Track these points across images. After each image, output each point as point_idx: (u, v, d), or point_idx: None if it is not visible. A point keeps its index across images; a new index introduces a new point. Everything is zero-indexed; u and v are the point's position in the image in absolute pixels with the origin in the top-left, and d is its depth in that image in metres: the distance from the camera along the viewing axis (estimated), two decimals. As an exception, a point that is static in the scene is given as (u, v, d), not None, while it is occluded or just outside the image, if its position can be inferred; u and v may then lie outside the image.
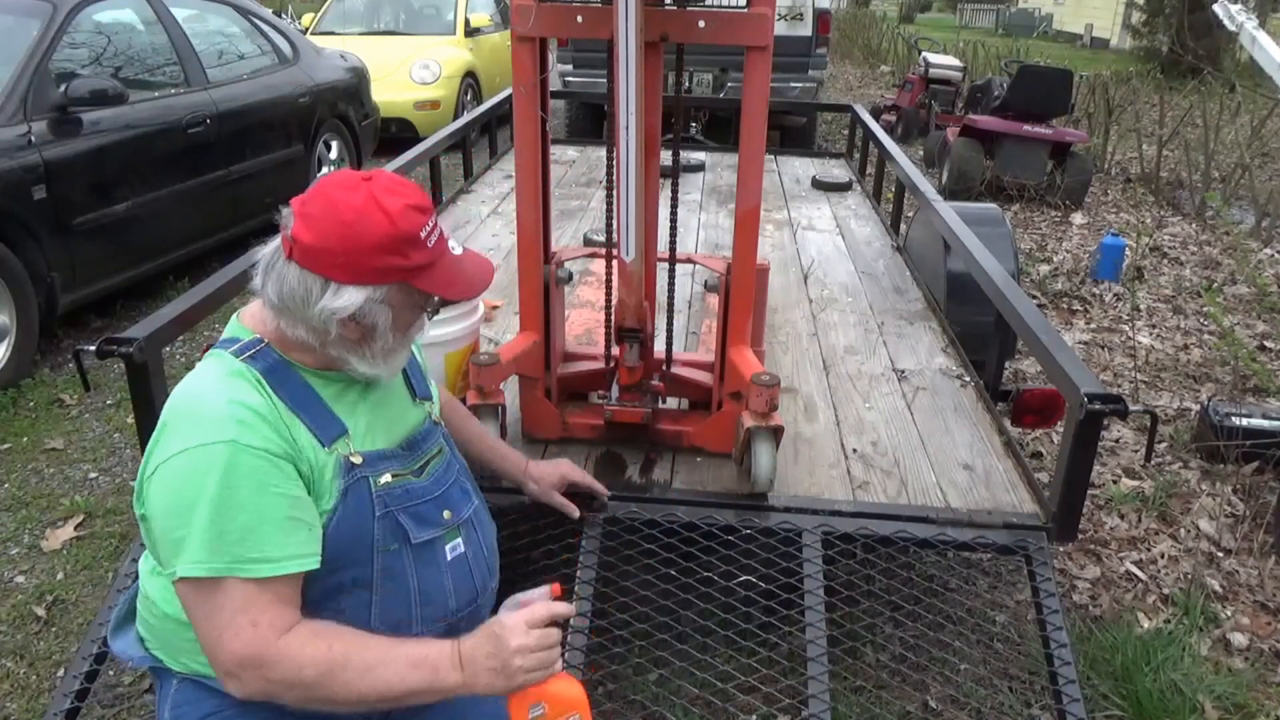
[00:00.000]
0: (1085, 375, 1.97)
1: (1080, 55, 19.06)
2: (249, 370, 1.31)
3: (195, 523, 1.20)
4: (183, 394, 1.31)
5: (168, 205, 4.50)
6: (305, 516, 1.27)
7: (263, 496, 1.23)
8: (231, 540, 1.21)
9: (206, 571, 1.20)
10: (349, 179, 1.32)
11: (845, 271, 3.64)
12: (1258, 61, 4.77)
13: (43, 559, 2.77)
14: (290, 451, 1.27)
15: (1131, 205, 7.56)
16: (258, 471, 1.23)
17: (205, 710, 1.37)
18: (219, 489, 1.20)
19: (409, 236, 1.29)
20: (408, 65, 8.39)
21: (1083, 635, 2.47)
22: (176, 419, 1.27)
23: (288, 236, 1.30)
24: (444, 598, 1.42)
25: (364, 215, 1.27)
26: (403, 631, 1.37)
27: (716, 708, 2.13)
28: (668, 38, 1.91)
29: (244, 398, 1.27)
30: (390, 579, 1.36)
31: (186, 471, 1.22)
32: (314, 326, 1.31)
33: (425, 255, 1.31)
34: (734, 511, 2.05)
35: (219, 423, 1.23)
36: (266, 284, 1.32)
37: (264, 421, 1.25)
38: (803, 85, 7.50)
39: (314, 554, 1.27)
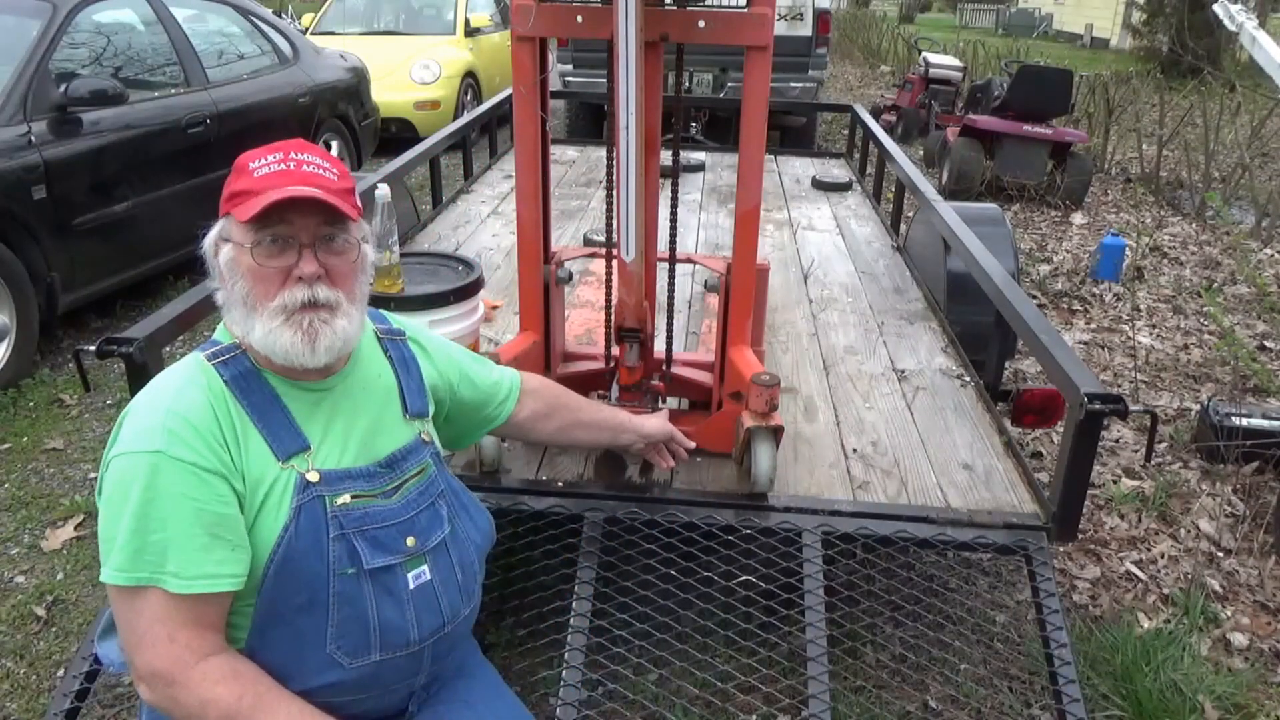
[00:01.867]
0: (1085, 375, 1.97)
1: (1080, 55, 19.06)
2: (214, 374, 1.30)
3: (120, 529, 1.20)
4: (141, 394, 1.31)
5: (168, 205, 4.49)
6: (229, 535, 1.23)
7: (183, 511, 1.20)
8: (150, 552, 1.20)
9: (126, 580, 1.20)
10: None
11: (845, 271, 3.64)
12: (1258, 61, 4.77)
13: (43, 559, 2.77)
14: (223, 467, 1.24)
15: (1131, 205, 7.56)
16: (181, 485, 1.21)
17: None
18: (141, 499, 1.20)
19: (239, 165, 1.30)
20: (408, 65, 8.39)
21: (1083, 635, 2.47)
22: (126, 418, 1.28)
23: None
24: (405, 627, 1.36)
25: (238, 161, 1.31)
26: (363, 657, 1.33)
27: (716, 708, 2.13)
28: (668, 38, 1.91)
29: (183, 407, 1.25)
30: (347, 604, 1.31)
31: (118, 475, 1.23)
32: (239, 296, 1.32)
33: (246, 183, 1.29)
34: (734, 511, 2.05)
35: (151, 431, 1.23)
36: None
37: (197, 434, 1.23)
38: (803, 85, 7.50)
39: (232, 575, 1.23)
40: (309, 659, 1.31)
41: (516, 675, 2.13)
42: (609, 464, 2.22)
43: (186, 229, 5.30)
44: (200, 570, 1.21)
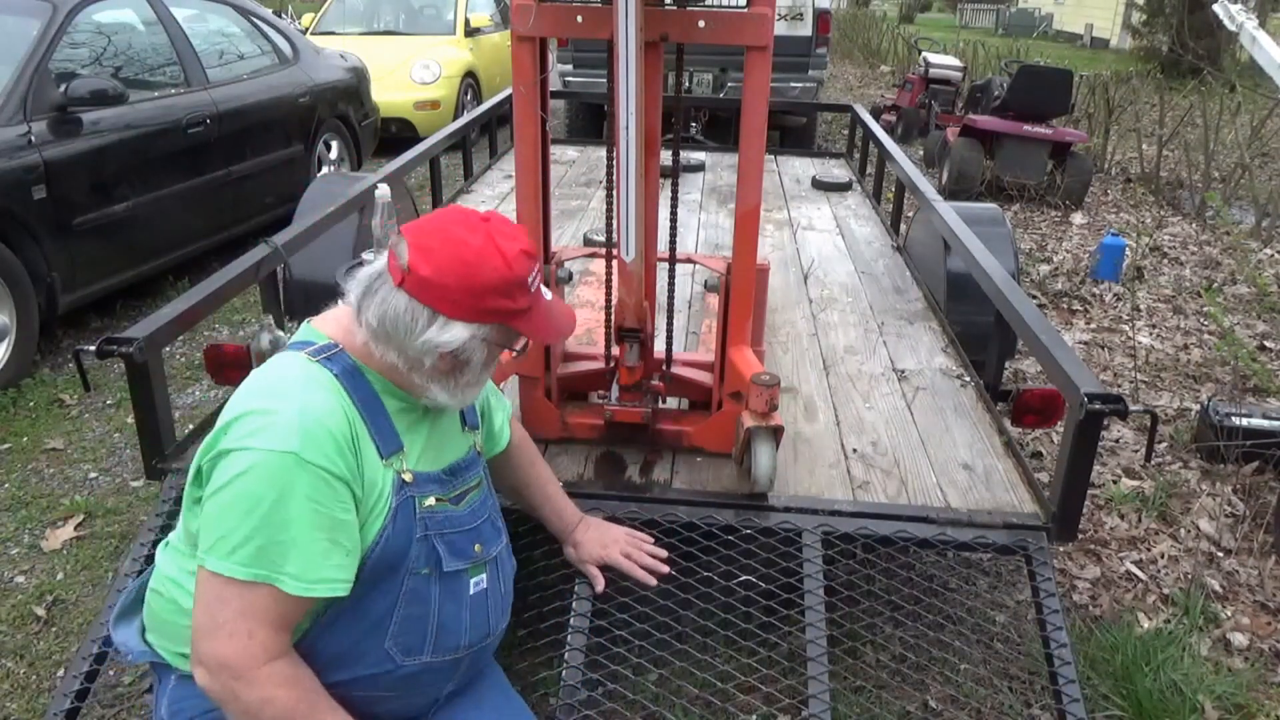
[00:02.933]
0: (1085, 375, 1.97)
1: (1080, 55, 19.06)
2: (324, 372, 1.31)
3: (243, 526, 1.22)
4: (261, 389, 1.30)
5: (168, 205, 4.50)
6: (346, 542, 1.27)
7: (311, 515, 1.23)
8: (273, 551, 1.22)
9: (243, 574, 1.21)
10: (468, 217, 1.35)
11: (845, 271, 3.63)
12: (1258, 61, 4.76)
13: (43, 559, 2.76)
14: (349, 473, 1.27)
15: (1131, 205, 7.56)
16: (312, 489, 1.23)
17: (203, 707, 1.38)
18: (272, 499, 1.21)
19: (520, 281, 1.32)
20: (408, 65, 8.39)
21: (1083, 635, 2.47)
22: (252, 413, 1.26)
23: (401, 265, 1.30)
24: (459, 630, 1.43)
25: (483, 257, 1.30)
26: (414, 656, 1.39)
27: (716, 708, 2.13)
28: (668, 38, 1.91)
29: (317, 408, 1.26)
30: (414, 602, 1.37)
31: (247, 473, 1.22)
32: (410, 355, 1.33)
33: (528, 299, 1.35)
34: (734, 511, 2.05)
35: (286, 431, 1.23)
36: (366, 306, 1.33)
37: (330, 438, 1.25)
38: (803, 85, 7.50)
39: (345, 581, 1.28)
40: (366, 652, 1.35)
41: (516, 675, 2.13)
42: (609, 464, 2.22)
43: (186, 229, 5.34)
44: (319, 574, 1.24)
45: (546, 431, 2.27)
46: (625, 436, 2.25)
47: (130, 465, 3.25)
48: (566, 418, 2.27)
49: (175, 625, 1.39)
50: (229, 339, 3.98)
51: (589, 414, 2.28)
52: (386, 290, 1.31)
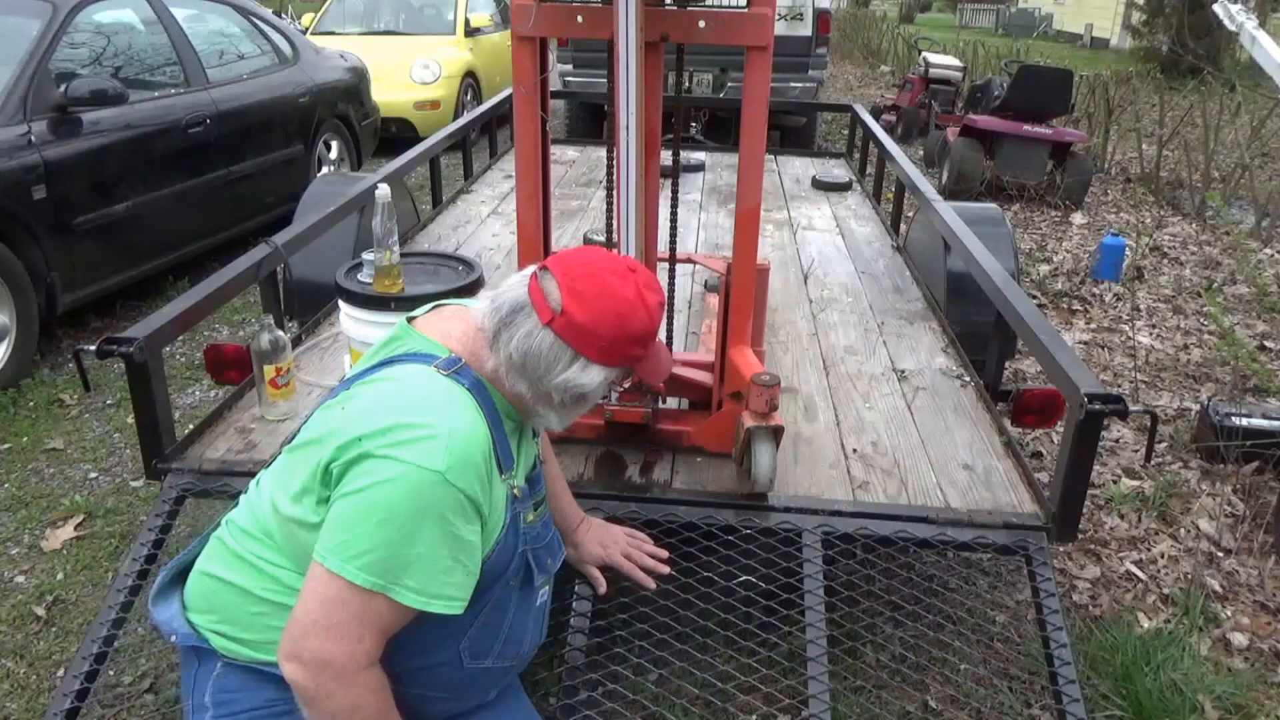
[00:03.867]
0: (1085, 375, 1.97)
1: (1080, 55, 19.06)
2: (459, 387, 1.33)
3: (374, 534, 1.22)
4: (407, 401, 1.30)
5: (168, 205, 4.50)
6: (469, 563, 1.29)
7: (442, 534, 1.25)
8: (397, 562, 1.23)
9: (365, 582, 1.22)
10: (616, 265, 1.39)
11: (845, 271, 3.63)
12: (1258, 61, 4.76)
13: (43, 559, 2.77)
14: (483, 495, 1.29)
15: (1131, 205, 7.56)
16: (450, 510, 1.25)
17: (257, 702, 1.37)
18: (408, 514, 1.22)
19: (655, 332, 1.41)
20: (408, 65, 8.39)
21: (1083, 635, 2.47)
22: (401, 426, 1.26)
23: (552, 305, 1.33)
24: (523, 639, 1.48)
25: (634, 308, 1.35)
26: (480, 660, 1.42)
27: (716, 708, 2.13)
28: (668, 38, 1.91)
29: (464, 430, 1.28)
30: (495, 611, 1.40)
31: (389, 483, 1.23)
32: (541, 389, 1.37)
33: (654, 347, 1.44)
34: (734, 511, 2.05)
35: (436, 451, 1.24)
36: (506, 338, 1.35)
37: (474, 462, 1.27)
38: (803, 85, 7.50)
39: (461, 601, 1.29)
40: (439, 651, 1.38)
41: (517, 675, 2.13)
42: (609, 464, 2.22)
43: (186, 229, 5.34)
44: (439, 591, 1.26)
45: (548, 431, 2.26)
46: (625, 436, 2.25)
47: (130, 465, 3.25)
48: (566, 418, 2.27)
49: (242, 612, 1.37)
50: (229, 339, 3.98)
51: (589, 414, 2.27)
52: (531, 326, 1.34)
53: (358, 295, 2.28)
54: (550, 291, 1.34)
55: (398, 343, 1.42)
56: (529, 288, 1.36)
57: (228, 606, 1.38)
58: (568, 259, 1.38)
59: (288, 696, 1.31)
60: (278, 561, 1.34)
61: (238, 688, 1.38)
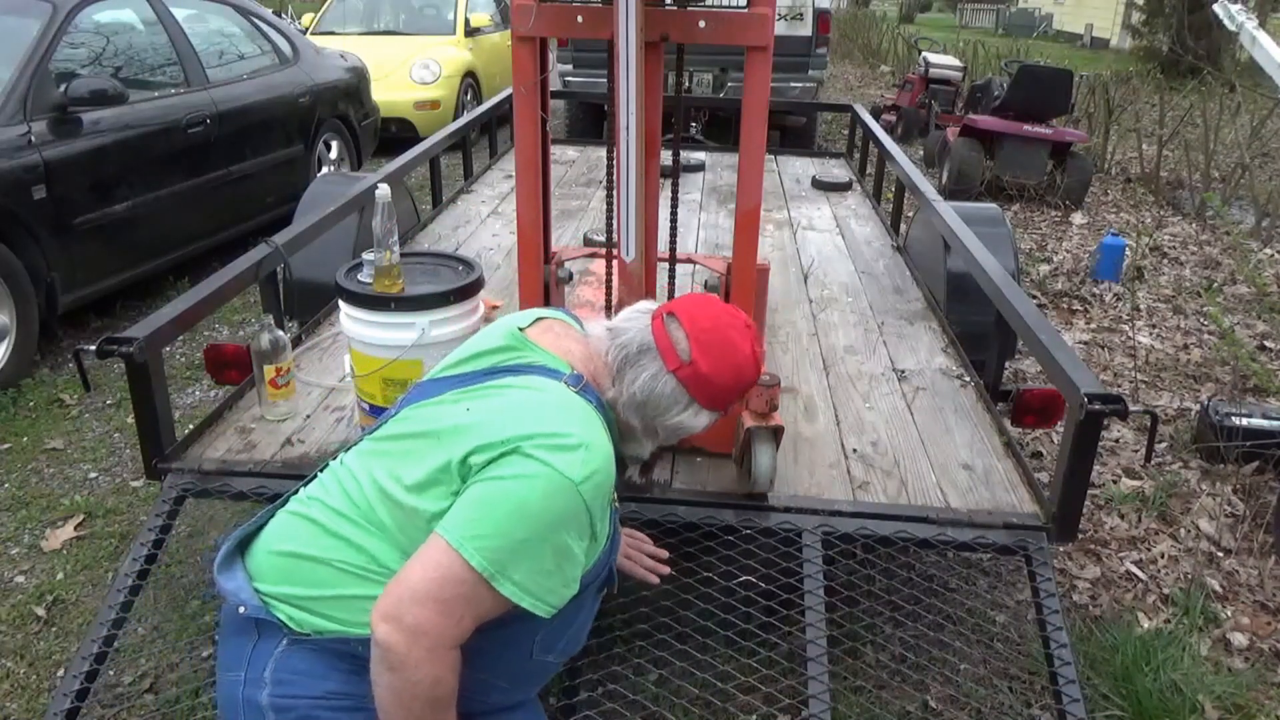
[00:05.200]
0: (1085, 375, 1.97)
1: (1080, 55, 19.06)
2: (589, 406, 1.40)
3: (502, 523, 1.27)
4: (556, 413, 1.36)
5: (168, 205, 4.50)
6: (571, 572, 1.33)
7: (558, 539, 1.30)
8: (509, 553, 1.27)
9: (478, 565, 1.26)
10: (737, 321, 1.49)
11: (845, 271, 3.63)
12: (1258, 61, 4.76)
13: (43, 559, 2.77)
14: (601, 512, 1.35)
15: (1131, 205, 7.56)
16: (572, 520, 1.30)
17: (318, 692, 1.34)
18: (538, 514, 1.28)
19: (751, 374, 1.50)
20: (408, 65, 8.39)
21: (1083, 635, 2.47)
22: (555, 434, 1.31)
23: (680, 354, 1.43)
24: (582, 637, 1.53)
25: (749, 363, 1.47)
26: (545, 654, 1.47)
27: (716, 708, 2.13)
28: (668, 38, 1.91)
29: (603, 449, 1.35)
30: (572, 611, 1.42)
31: (531, 479, 1.28)
32: (652, 425, 1.47)
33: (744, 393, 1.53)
34: (734, 511, 2.05)
35: (579, 463, 1.30)
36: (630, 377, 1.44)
37: (604, 480, 1.33)
38: (803, 85, 7.50)
39: (554, 607, 1.33)
40: (517, 641, 1.42)
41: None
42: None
43: (186, 229, 5.34)
44: (538, 591, 1.30)
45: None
46: (625, 436, 2.25)
47: (130, 465, 3.25)
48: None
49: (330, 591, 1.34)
50: (229, 339, 3.98)
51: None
52: (657, 369, 1.43)
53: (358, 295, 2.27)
54: (679, 340, 1.44)
55: (514, 352, 1.46)
56: (655, 331, 1.45)
57: (316, 582, 1.35)
58: (693, 309, 1.48)
59: (349, 692, 1.32)
60: (382, 548, 1.34)
61: (302, 670, 1.34)
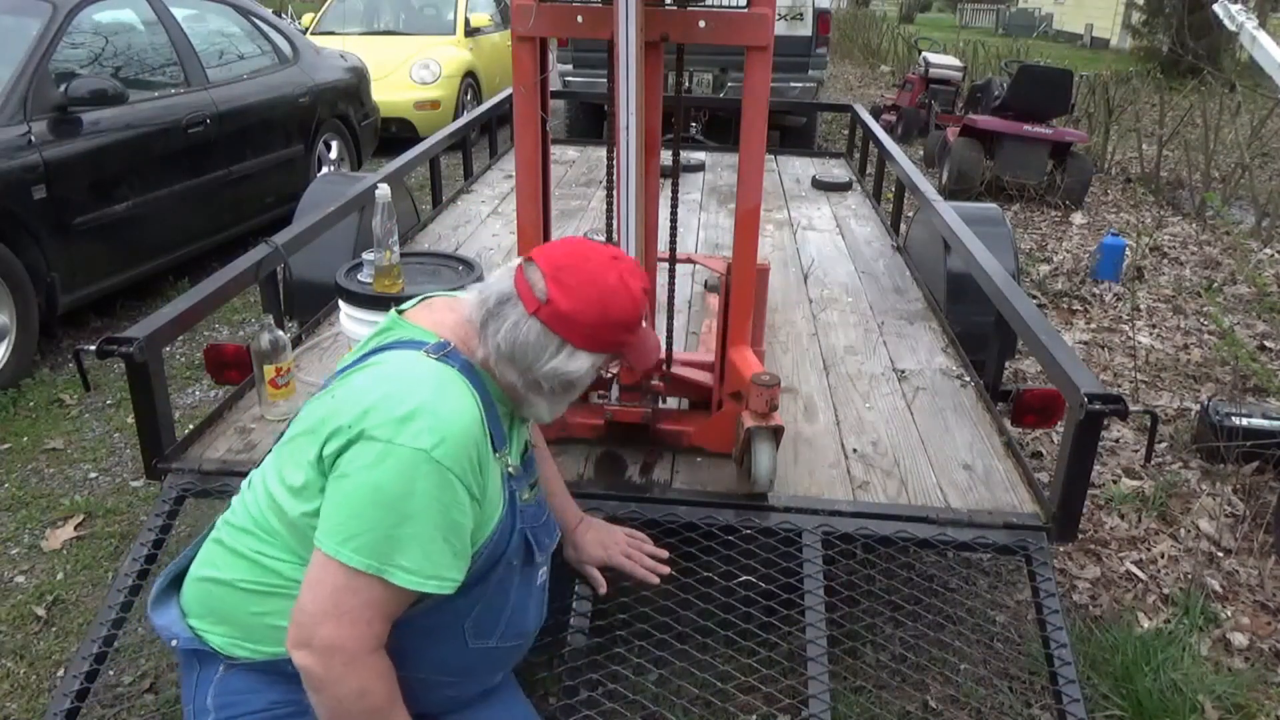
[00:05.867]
0: (1085, 375, 1.97)
1: (1080, 55, 19.06)
2: (450, 369, 1.35)
3: (366, 517, 1.24)
4: (395, 383, 1.32)
5: (168, 205, 4.50)
6: (458, 544, 1.30)
7: (432, 514, 1.26)
8: (389, 544, 1.24)
9: (360, 564, 1.24)
10: (599, 253, 1.41)
11: (845, 271, 3.63)
12: (1258, 61, 4.76)
13: (43, 559, 2.77)
14: (473, 474, 1.30)
15: (1131, 205, 7.56)
16: (438, 489, 1.25)
17: (262, 704, 1.36)
18: (399, 495, 1.24)
19: (641, 318, 1.42)
20: (408, 65, 8.39)
21: (1083, 635, 2.47)
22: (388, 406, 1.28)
23: (537, 295, 1.35)
24: (526, 620, 1.50)
25: (617, 294, 1.37)
26: (484, 640, 1.44)
27: (716, 708, 2.13)
28: (668, 38, 1.91)
29: (453, 409, 1.30)
30: (499, 592, 1.41)
31: (378, 465, 1.24)
32: (530, 378, 1.38)
33: (641, 332, 1.44)
34: (734, 511, 2.05)
35: (422, 430, 1.26)
36: (494, 329, 1.36)
37: (462, 441, 1.28)
38: (803, 85, 7.50)
39: (454, 580, 1.30)
40: (443, 633, 1.39)
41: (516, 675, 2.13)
42: (609, 464, 2.22)
43: (186, 229, 5.34)
44: (432, 571, 1.27)
45: (547, 431, 2.26)
46: (625, 436, 2.25)
47: (130, 465, 3.25)
48: (566, 417, 2.26)
49: (244, 611, 1.36)
50: (229, 339, 3.97)
51: (589, 414, 2.28)
52: (518, 316, 1.36)
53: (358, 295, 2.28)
54: (535, 281, 1.36)
55: (387, 333, 1.43)
56: (515, 279, 1.38)
57: (230, 607, 1.38)
58: (552, 249, 1.41)
59: (292, 699, 1.31)
60: (279, 556, 1.34)
61: (242, 689, 1.37)
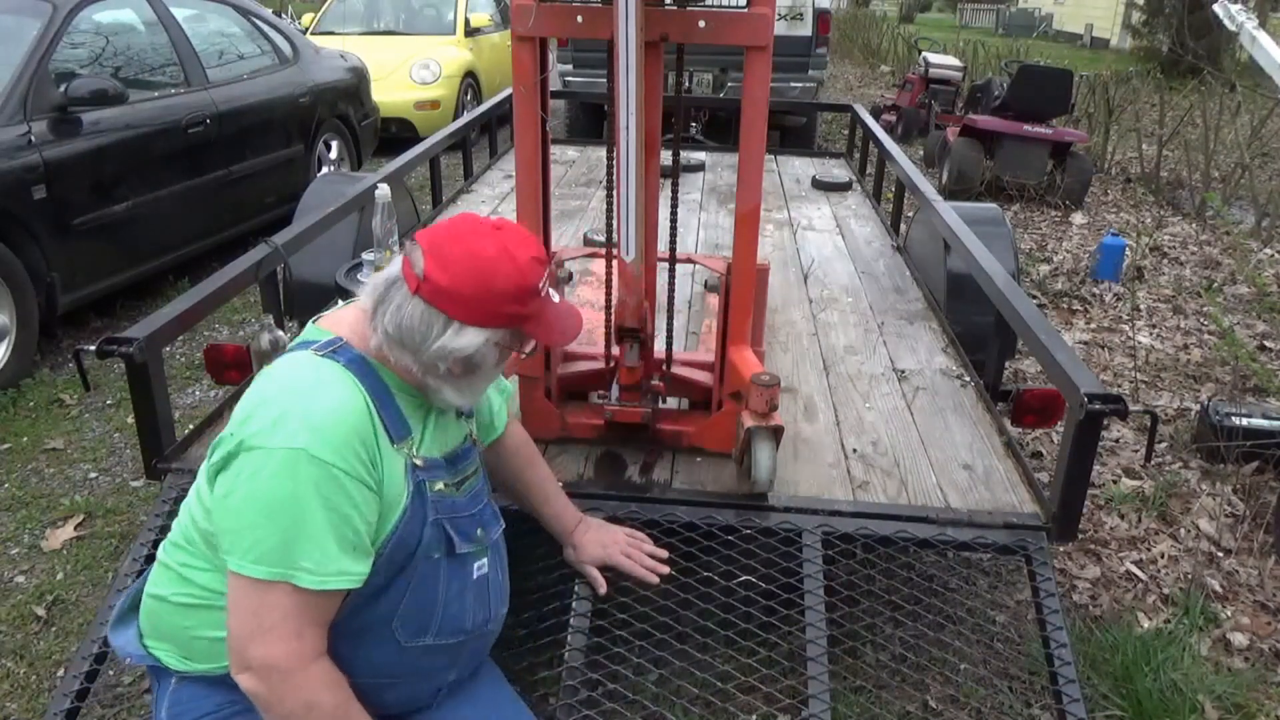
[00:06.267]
0: (1085, 375, 1.97)
1: (1080, 55, 19.05)
2: (333, 364, 1.33)
3: (256, 523, 1.23)
4: (270, 387, 1.32)
5: (168, 205, 4.50)
6: (354, 536, 1.28)
7: (322, 511, 1.24)
8: (286, 548, 1.23)
9: (261, 573, 1.23)
10: (481, 225, 1.38)
11: (845, 271, 3.63)
12: (1258, 61, 4.76)
13: (43, 559, 2.76)
14: (361, 466, 1.28)
15: (1131, 205, 7.56)
16: (322, 484, 1.24)
17: (204, 710, 1.38)
18: (280, 496, 1.23)
19: (530, 287, 1.36)
20: (408, 65, 8.39)
21: (1083, 635, 2.47)
22: (259, 408, 1.28)
23: (416, 273, 1.33)
24: (463, 614, 1.46)
25: (497, 264, 1.33)
26: (419, 638, 1.41)
27: (716, 708, 2.13)
28: (668, 38, 1.90)
29: (328, 403, 1.28)
30: (423, 586, 1.39)
31: (260, 472, 1.24)
32: (424, 360, 1.35)
33: (539, 304, 1.38)
34: (734, 511, 2.05)
35: (293, 428, 1.25)
36: (382, 312, 1.35)
37: (340, 432, 1.26)
38: (803, 85, 7.50)
39: (359, 574, 1.29)
40: (372, 634, 1.37)
41: (516, 675, 2.12)
42: (609, 464, 2.22)
43: (186, 229, 5.34)
44: (336, 567, 1.25)
45: (546, 431, 2.27)
46: (625, 436, 2.25)
47: (130, 465, 3.25)
48: (566, 418, 2.27)
49: (177, 626, 1.39)
50: (229, 339, 3.97)
51: (589, 414, 2.28)
52: (402, 297, 1.33)
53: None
54: (416, 261, 1.34)
55: (299, 341, 1.43)
56: (402, 262, 1.36)
57: (166, 623, 1.41)
58: (436, 228, 1.39)
59: (236, 698, 1.32)
60: (199, 565, 1.36)
61: (189, 698, 1.40)
